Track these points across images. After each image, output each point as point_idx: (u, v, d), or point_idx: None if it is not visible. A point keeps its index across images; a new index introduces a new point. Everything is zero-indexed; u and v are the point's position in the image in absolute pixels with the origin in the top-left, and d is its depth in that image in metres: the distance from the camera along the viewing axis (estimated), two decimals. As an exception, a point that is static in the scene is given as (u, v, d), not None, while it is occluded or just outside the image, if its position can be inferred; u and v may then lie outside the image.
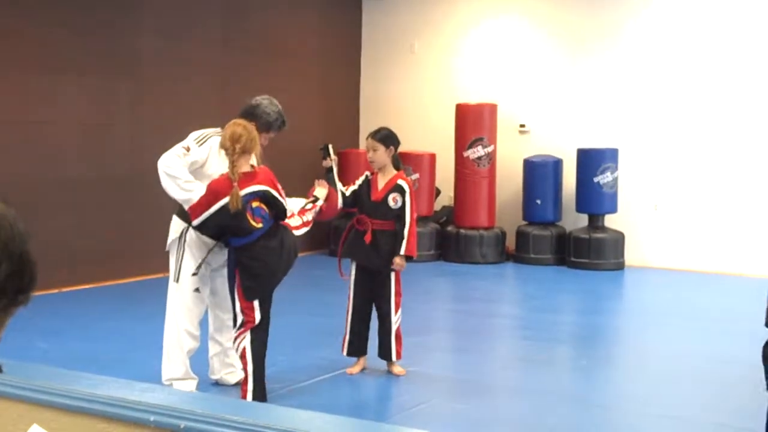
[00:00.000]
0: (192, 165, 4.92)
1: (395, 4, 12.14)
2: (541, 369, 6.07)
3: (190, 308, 5.08)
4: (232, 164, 4.67)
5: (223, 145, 4.76)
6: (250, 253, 4.80)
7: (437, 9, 11.87)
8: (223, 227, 4.78)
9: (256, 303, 4.84)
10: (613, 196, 10.44)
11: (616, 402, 5.40)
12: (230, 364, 5.36)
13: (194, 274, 5.03)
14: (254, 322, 4.83)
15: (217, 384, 5.41)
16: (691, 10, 10.39)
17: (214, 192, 4.71)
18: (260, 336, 4.88)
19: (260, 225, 4.78)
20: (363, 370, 5.76)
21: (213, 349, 5.39)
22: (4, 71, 7.93)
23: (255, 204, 4.75)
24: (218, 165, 4.90)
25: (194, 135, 5.04)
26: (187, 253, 5.05)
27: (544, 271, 10.25)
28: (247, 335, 4.84)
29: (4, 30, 7.89)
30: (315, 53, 11.58)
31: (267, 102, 5.24)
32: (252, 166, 4.84)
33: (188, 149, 4.92)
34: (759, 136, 10.05)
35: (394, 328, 5.68)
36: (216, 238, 4.94)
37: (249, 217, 4.73)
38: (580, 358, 6.52)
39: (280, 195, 4.83)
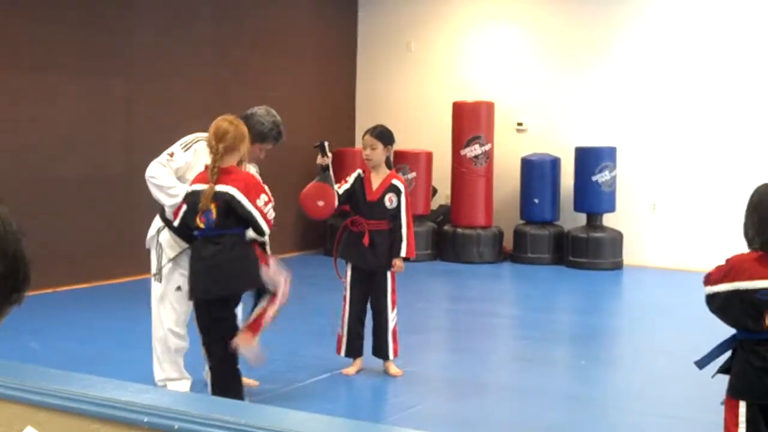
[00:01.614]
0: (177, 171, 4.88)
1: (392, 3, 12.11)
2: (539, 368, 6.05)
3: (174, 307, 5.02)
4: (213, 162, 4.43)
5: (207, 142, 4.55)
6: (191, 251, 4.65)
7: (434, 7, 11.85)
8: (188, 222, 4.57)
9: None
10: (612, 195, 10.42)
11: (614, 401, 5.39)
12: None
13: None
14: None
15: (212, 384, 5.38)
16: (689, 10, 10.38)
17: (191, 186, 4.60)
18: (215, 363, 4.66)
19: (202, 226, 4.44)
20: (359, 371, 5.73)
21: (206, 349, 5.36)
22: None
23: None
24: None
25: (181, 140, 5.01)
26: (165, 253, 5.01)
27: (541, 271, 10.23)
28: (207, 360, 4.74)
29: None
30: (311, 51, 11.55)
31: (263, 112, 5.13)
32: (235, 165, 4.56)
33: (172, 155, 4.89)
34: (757, 135, 10.04)
35: (390, 326, 5.65)
36: (187, 240, 4.81)
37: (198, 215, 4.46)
38: (578, 358, 6.50)
39: (254, 204, 4.38)
